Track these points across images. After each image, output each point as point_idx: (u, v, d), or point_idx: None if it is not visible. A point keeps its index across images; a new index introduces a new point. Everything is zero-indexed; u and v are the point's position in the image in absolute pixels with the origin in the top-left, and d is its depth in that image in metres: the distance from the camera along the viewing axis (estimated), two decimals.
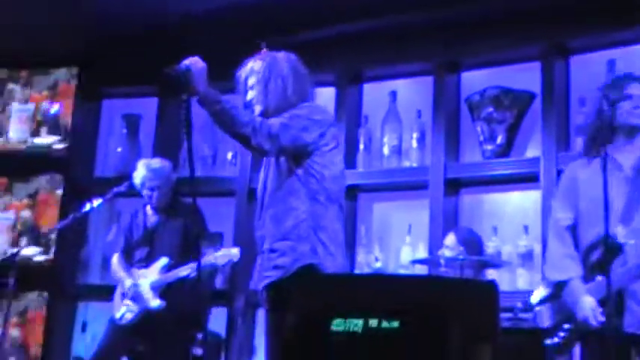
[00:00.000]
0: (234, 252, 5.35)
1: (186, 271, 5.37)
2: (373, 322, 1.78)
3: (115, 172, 7.14)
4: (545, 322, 4.01)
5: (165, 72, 3.67)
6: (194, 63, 3.66)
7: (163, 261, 5.49)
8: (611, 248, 3.72)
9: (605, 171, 3.63)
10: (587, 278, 3.90)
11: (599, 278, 3.77)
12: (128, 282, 5.54)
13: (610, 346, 3.64)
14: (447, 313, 1.73)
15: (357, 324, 1.78)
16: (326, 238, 3.79)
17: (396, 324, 1.76)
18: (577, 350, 4.05)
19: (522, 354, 1.56)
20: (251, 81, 4.02)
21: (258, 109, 3.95)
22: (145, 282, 5.47)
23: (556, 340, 3.93)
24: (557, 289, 4.00)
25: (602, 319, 3.75)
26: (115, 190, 5.84)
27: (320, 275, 3.46)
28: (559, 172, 5.62)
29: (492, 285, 1.76)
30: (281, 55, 4.04)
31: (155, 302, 5.42)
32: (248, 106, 3.98)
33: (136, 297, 5.46)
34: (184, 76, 3.64)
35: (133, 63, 6.81)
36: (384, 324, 1.77)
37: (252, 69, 4.02)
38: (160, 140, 7.08)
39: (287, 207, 3.83)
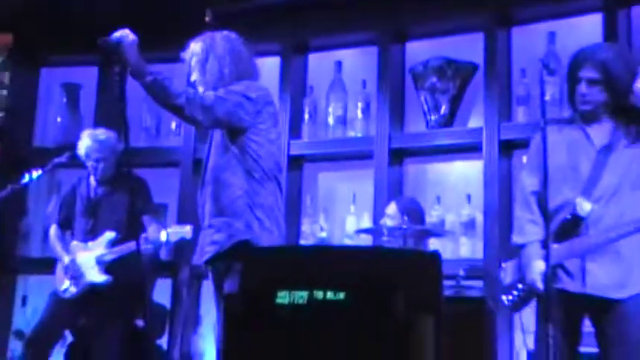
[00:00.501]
0: (187, 230, 5.29)
1: (135, 245, 5.26)
2: (318, 294, 1.77)
3: (55, 142, 7.03)
4: (507, 279, 4.06)
5: (98, 43, 3.71)
6: (125, 36, 3.71)
7: (109, 235, 5.41)
8: (574, 220, 3.80)
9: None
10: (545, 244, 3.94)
11: (555, 246, 3.78)
12: (67, 257, 5.46)
13: (558, 305, 3.70)
14: (391, 284, 1.73)
15: (302, 296, 1.77)
16: (262, 215, 3.92)
17: (341, 295, 1.75)
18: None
19: (465, 321, 1.58)
20: (192, 62, 4.12)
21: (200, 90, 4.03)
22: (90, 256, 5.39)
23: (510, 297, 4.00)
24: (517, 251, 4.05)
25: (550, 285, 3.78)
26: (56, 160, 5.73)
27: (264, 248, 3.49)
28: (501, 143, 5.71)
29: (436, 256, 1.77)
30: (219, 36, 4.14)
31: (101, 277, 5.35)
32: (192, 86, 4.05)
33: (81, 271, 5.40)
34: (115, 49, 3.69)
35: (73, 30, 6.68)
36: (330, 295, 1.76)
37: (192, 51, 4.13)
38: (101, 110, 6.95)
39: (224, 184, 3.95)
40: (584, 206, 3.79)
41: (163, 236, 5.26)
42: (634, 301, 3.76)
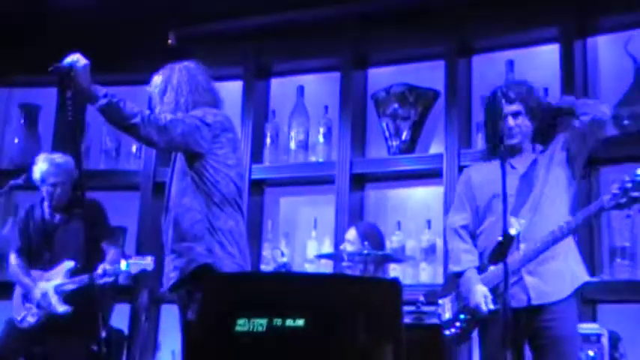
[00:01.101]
0: (148, 261, 5.22)
1: (96, 275, 5.19)
2: (277, 321, 1.75)
3: (12, 164, 6.94)
4: (446, 314, 4.10)
5: (49, 69, 3.71)
6: (76, 60, 3.72)
7: (68, 265, 5.33)
8: (507, 239, 3.84)
9: (504, 168, 3.81)
10: (482, 269, 4.08)
11: (492, 268, 3.99)
12: (31, 286, 5.37)
13: (504, 327, 3.72)
14: (351, 311, 1.71)
15: (261, 323, 1.75)
16: (223, 239, 3.93)
17: (300, 322, 1.73)
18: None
19: (424, 349, 1.57)
20: (154, 94, 4.18)
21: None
22: (49, 285, 5.30)
23: (453, 330, 4.04)
24: (455, 280, 4.15)
25: (492, 306, 3.94)
26: (12, 182, 5.61)
27: (223, 275, 3.51)
28: (461, 168, 5.72)
29: (396, 282, 1.76)
30: (178, 67, 4.19)
31: (61, 307, 5.27)
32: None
33: (41, 301, 5.31)
34: (65, 74, 3.69)
35: (32, 50, 6.61)
36: (289, 322, 1.74)
37: (154, 83, 4.19)
38: (60, 132, 6.89)
39: (184, 209, 3.96)
40: (514, 225, 3.90)
41: (123, 266, 5.19)
42: (567, 301, 3.98)
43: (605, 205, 3.96)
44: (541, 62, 5.86)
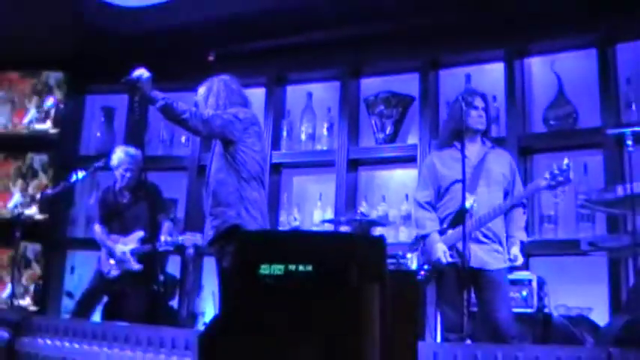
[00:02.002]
0: (198, 238, 5.24)
1: (161, 245, 5.23)
2: (292, 267, 1.78)
3: (95, 151, 6.99)
4: (413, 265, 4.17)
5: (122, 80, 3.79)
6: (141, 74, 3.80)
7: (139, 234, 5.38)
8: (463, 210, 3.94)
9: (464, 153, 3.84)
10: (442, 232, 4.11)
11: (450, 231, 4.03)
12: (113, 247, 5.40)
13: (456, 277, 3.94)
14: (347, 260, 1.74)
15: (279, 268, 1.78)
16: (249, 206, 3.96)
17: (310, 268, 1.76)
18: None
19: (401, 288, 1.60)
20: (199, 100, 4.20)
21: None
22: (127, 249, 5.35)
23: (420, 277, 4.08)
24: (421, 240, 4.19)
25: (451, 259, 4.01)
26: (95, 165, 5.68)
27: (250, 232, 3.53)
28: None
29: (381, 238, 1.78)
30: (217, 79, 4.22)
31: (136, 266, 5.31)
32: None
33: (121, 260, 5.35)
34: (134, 84, 3.77)
35: (110, 66, 6.63)
36: (301, 268, 1.77)
37: (199, 92, 4.23)
38: (129, 128, 6.92)
39: (220, 182, 3.98)
40: (469, 200, 3.91)
41: (180, 239, 5.21)
42: (502, 271, 4.02)
43: (540, 187, 4.00)
44: (491, 76, 5.88)
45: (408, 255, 4.23)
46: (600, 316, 4.86)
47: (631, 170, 3.86)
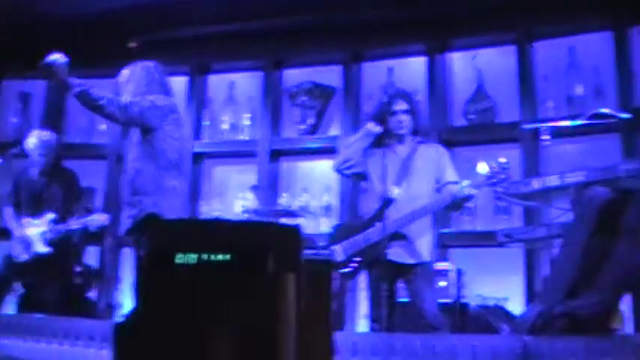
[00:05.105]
0: (103, 218, 5.15)
1: (69, 226, 5.11)
2: (207, 256, 1.73)
3: (11, 137, 6.72)
4: (341, 256, 4.09)
5: (38, 65, 3.69)
6: (56, 58, 3.70)
7: (50, 216, 5.22)
8: (387, 202, 3.93)
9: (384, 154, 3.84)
10: (369, 225, 4.06)
11: (379, 224, 3.94)
12: (21, 231, 5.24)
13: (383, 269, 3.90)
14: (263, 249, 1.71)
15: (195, 257, 1.73)
16: (168, 194, 3.87)
17: (225, 257, 1.72)
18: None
19: (317, 278, 1.59)
20: (120, 85, 4.09)
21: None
22: (36, 231, 5.19)
23: (348, 269, 4.06)
24: (342, 230, 4.20)
25: (344, 256, 4.02)
26: (11, 152, 5.49)
27: (165, 220, 3.47)
28: None
29: (297, 228, 1.76)
30: (140, 65, 4.11)
31: (44, 249, 5.15)
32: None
33: (29, 243, 5.18)
34: (49, 69, 3.69)
35: (27, 51, 6.38)
36: (218, 257, 1.73)
37: (121, 77, 4.11)
38: (46, 114, 6.72)
39: (138, 171, 3.89)
40: (394, 191, 3.90)
41: (86, 221, 5.10)
42: (423, 265, 3.99)
43: (479, 184, 3.95)
44: (413, 70, 5.94)
45: (333, 247, 4.17)
46: (516, 305, 4.96)
47: (546, 164, 3.95)
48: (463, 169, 4.21)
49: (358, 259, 4.03)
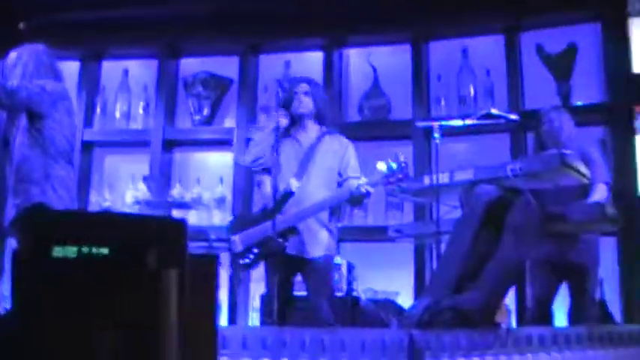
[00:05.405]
0: None
1: None
2: (87, 249, 1.65)
3: None
4: (239, 247, 4.02)
5: None
6: None
7: None
8: (285, 194, 3.90)
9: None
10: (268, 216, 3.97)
11: (281, 217, 3.86)
12: None
13: (279, 263, 3.88)
14: (146, 243, 1.64)
15: (74, 250, 1.64)
16: (55, 184, 3.72)
17: (106, 250, 1.64)
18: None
19: (203, 273, 1.55)
20: (7, 68, 3.87)
21: None
22: None
23: (247, 260, 3.99)
24: (241, 221, 4.16)
25: (241, 247, 3.97)
26: None
27: (44, 211, 3.33)
28: (247, 139, 5.73)
29: (182, 222, 1.70)
30: (29, 48, 3.91)
31: None
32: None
33: None
34: None
35: None
36: (96, 250, 1.65)
37: (8, 60, 3.90)
38: None
39: (24, 158, 3.72)
40: (293, 184, 3.89)
41: None
42: (321, 259, 3.93)
43: (377, 182, 3.89)
44: (309, 64, 5.93)
45: (233, 238, 4.08)
46: (406, 299, 5.04)
47: (437, 162, 4.02)
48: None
49: (256, 250, 3.99)
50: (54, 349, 1.64)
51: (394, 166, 3.82)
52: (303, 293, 4.09)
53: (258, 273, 4.32)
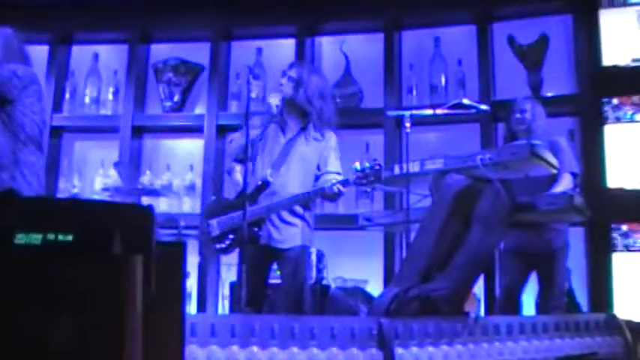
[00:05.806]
0: None
1: None
2: (51, 236, 1.62)
3: None
4: (216, 231, 3.99)
5: None
6: None
7: None
8: (262, 184, 3.89)
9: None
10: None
11: (254, 207, 3.83)
12: None
13: (255, 251, 3.82)
14: (111, 229, 1.62)
15: (37, 237, 1.61)
16: (25, 170, 3.64)
17: (70, 237, 1.61)
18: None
19: (169, 259, 1.53)
20: None
21: None
22: None
23: (223, 245, 3.97)
24: (217, 206, 4.13)
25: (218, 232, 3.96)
26: None
27: (9, 198, 3.26)
28: (218, 127, 5.71)
29: (149, 208, 1.67)
30: None
31: None
32: None
33: None
34: None
35: None
36: (60, 237, 1.62)
37: None
38: None
39: None
40: (269, 174, 3.87)
41: None
42: (297, 249, 3.92)
43: (349, 182, 3.86)
44: (281, 52, 5.90)
45: (211, 222, 4.04)
46: (376, 287, 5.06)
47: (408, 151, 4.02)
48: None
49: (232, 236, 3.96)
50: (14, 338, 1.61)
51: (367, 166, 3.81)
52: (278, 282, 4.09)
53: (229, 260, 4.30)
